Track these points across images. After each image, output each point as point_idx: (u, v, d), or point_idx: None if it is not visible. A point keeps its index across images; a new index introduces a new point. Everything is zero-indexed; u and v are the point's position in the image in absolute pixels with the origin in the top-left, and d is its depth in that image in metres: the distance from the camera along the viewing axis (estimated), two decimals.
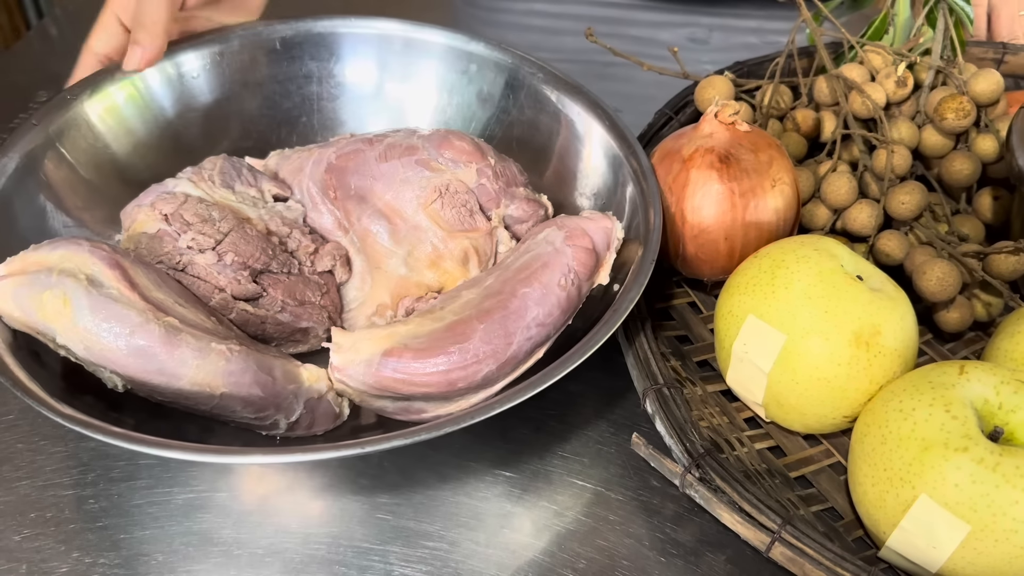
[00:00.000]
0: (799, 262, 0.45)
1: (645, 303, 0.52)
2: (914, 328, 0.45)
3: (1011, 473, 0.36)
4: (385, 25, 0.56)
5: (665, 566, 0.43)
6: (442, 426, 0.38)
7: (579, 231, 0.47)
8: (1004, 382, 0.39)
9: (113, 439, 0.38)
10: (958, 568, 0.38)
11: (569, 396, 0.50)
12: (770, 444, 0.47)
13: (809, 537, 0.39)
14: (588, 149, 0.54)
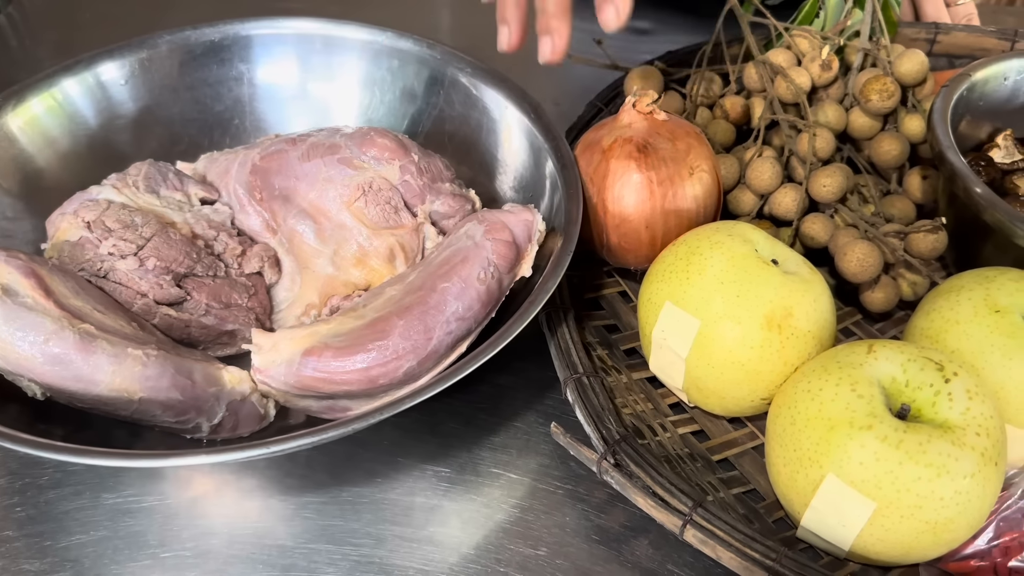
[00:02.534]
0: (712, 248, 0.45)
1: (572, 294, 0.52)
2: (829, 309, 0.45)
3: (914, 450, 0.37)
4: (303, 24, 0.56)
5: (589, 552, 0.44)
6: (342, 425, 0.38)
7: (499, 224, 0.47)
8: (911, 360, 0.40)
9: (29, 448, 0.38)
10: (868, 545, 0.39)
11: (499, 389, 0.51)
12: (694, 428, 0.48)
13: (720, 519, 0.39)
14: (514, 142, 0.54)
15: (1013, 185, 0.55)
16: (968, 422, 0.38)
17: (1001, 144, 0.58)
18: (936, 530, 0.37)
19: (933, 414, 0.39)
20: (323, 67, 0.56)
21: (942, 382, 0.39)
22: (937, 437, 0.37)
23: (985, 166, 0.56)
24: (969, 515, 0.37)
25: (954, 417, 0.38)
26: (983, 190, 0.48)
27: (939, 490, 0.37)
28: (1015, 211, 0.47)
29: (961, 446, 0.37)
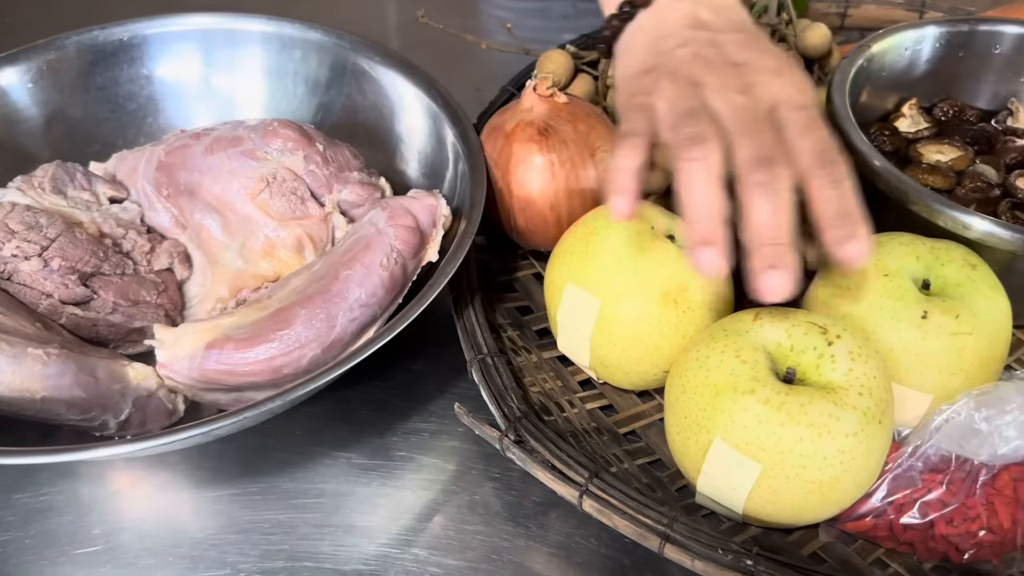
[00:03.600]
0: (609, 228, 0.46)
1: (485, 277, 0.53)
2: (725, 281, 0.46)
3: (795, 411, 0.38)
4: (203, 20, 0.56)
5: (501, 529, 0.44)
6: (233, 415, 0.39)
7: (402, 211, 0.48)
8: (796, 325, 0.41)
9: None
10: (759, 506, 0.40)
11: (414, 374, 0.51)
12: (603, 403, 0.48)
13: (616, 489, 0.40)
14: (424, 129, 0.55)
15: (917, 153, 0.56)
16: (851, 382, 0.39)
17: (907, 113, 0.59)
18: (823, 489, 0.38)
19: (817, 376, 0.40)
20: (226, 61, 0.57)
21: (825, 345, 0.40)
22: (819, 398, 0.38)
23: (890, 135, 0.57)
24: (855, 473, 0.39)
25: (837, 378, 0.39)
26: (879, 161, 0.49)
27: (821, 449, 0.38)
28: (906, 178, 0.48)
29: (843, 406, 0.38)
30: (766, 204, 0.37)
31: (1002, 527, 0.41)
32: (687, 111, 0.40)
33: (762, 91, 0.41)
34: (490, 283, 0.53)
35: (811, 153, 0.39)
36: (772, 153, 0.39)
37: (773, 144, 0.39)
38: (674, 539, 0.38)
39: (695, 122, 0.39)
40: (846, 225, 0.38)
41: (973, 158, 0.56)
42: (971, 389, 0.41)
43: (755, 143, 0.39)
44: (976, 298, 0.43)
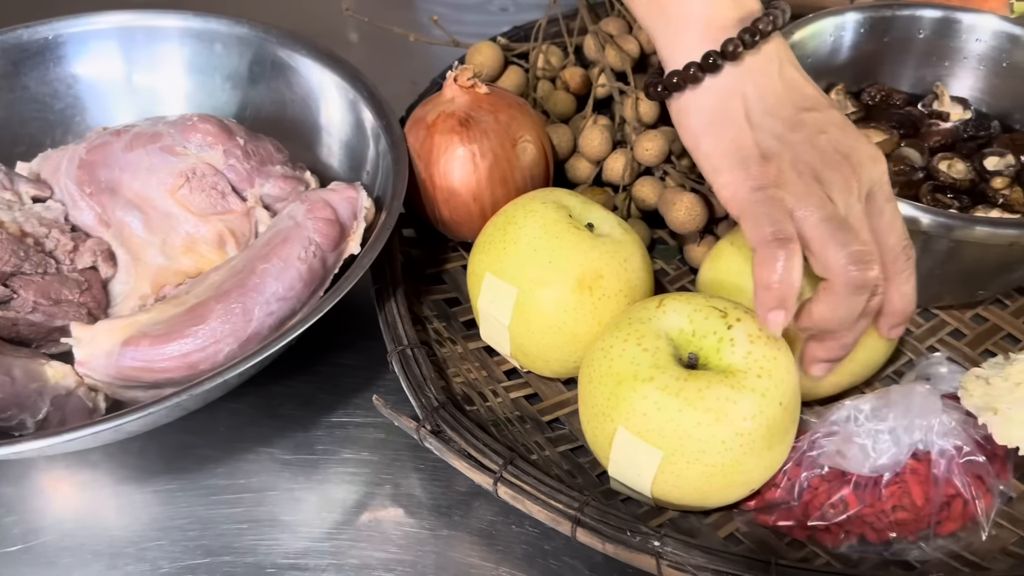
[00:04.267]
0: (527, 216, 0.46)
1: (413, 269, 0.53)
2: (641, 268, 0.46)
3: (693, 397, 0.38)
4: (122, 18, 0.56)
5: (424, 520, 0.44)
6: (138, 411, 0.39)
7: (321, 203, 0.48)
8: (697, 310, 0.41)
9: None
10: (665, 491, 0.40)
11: (341, 368, 0.51)
12: (528, 392, 0.49)
13: (529, 475, 0.40)
14: (350, 122, 0.55)
15: None
16: (749, 365, 0.39)
17: (834, 99, 0.60)
18: (725, 472, 0.39)
19: (718, 360, 0.40)
20: (147, 58, 0.56)
21: (725, 329, 0.40)
22: (717, 382, 0.38)
23: None
24: (757, 456, 0.39)
25: (736, 362, 0.39)
26: None
27: (719, 433, 0.38)
28: None
29: (740, 389, 0.38)
30: (844, 303, 0.39)
31: (915, 505, 0.42)
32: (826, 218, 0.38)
33: (866, 181, 0.40)
34: (418, 275, 0.54)
35: (895, 251, 0.41)
36: (871, 255, 0.39)
37: (871, 242, 0.39)
38: (585, 523, 0.39)
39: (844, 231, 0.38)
40: (904, 322, 0.42)
41: (898, 142, 0.57)
42: (859, 396, 0.42)
43: (858, 240, 0.39)
44: None
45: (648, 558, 0.37)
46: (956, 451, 0.41)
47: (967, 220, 0.46)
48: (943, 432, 0.41)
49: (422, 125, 0.51)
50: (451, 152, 0.50)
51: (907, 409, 0.40)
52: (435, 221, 0.53)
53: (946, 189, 0.53)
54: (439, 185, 0.50)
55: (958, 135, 0.57)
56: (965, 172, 0.54)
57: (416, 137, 0.51)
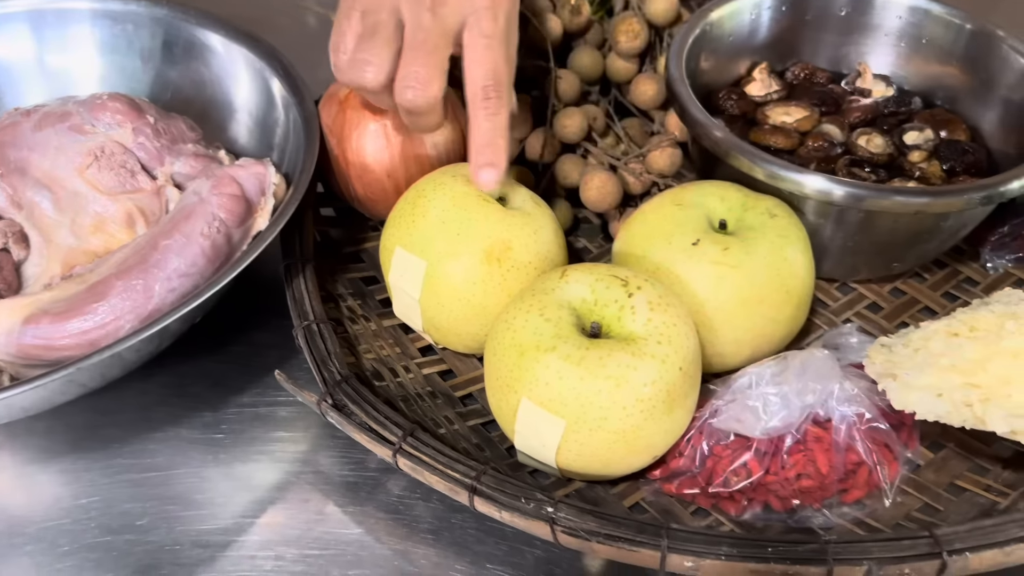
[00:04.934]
0: (436, 189, 0.46)
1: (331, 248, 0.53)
2: (553, 241, 0.46)
3: (594, 365, 0.38)
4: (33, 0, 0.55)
5: (332, 498, 0.44)
6: (17, 386, 0.38)
7: (227, 179, 0.47)
8: (599, 279, 0.41)
9: None
10: (570, 460, 0.40)
11: (254, 348, 0.51)
12: (442, 368, 0.48)
13: (428, 447, 0.40)
14: (266, 100, 0.54)
15: (763, 116, 0.57)
16: (650, 332, 0.39)
17: (757, 77, 0.60)
18: (627, 439, 0.39)
19: (620, 329, 0.40)
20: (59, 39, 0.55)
21: (626, 297, 0.40)
22: (618, 350, 0.38)
23: (737, 99, 0.58)
24: (658, 421, 0.39)
25: (637, 329, 0.39)
26: (701, 116, 0.50)
27: (620, 400, 0.38)
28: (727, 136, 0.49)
29: (640, 356, 0.38)
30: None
31: (820, 473, 0.42)
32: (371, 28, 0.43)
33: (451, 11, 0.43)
34: (335, 254, 0.53)
35: (476, 86, 0.44)
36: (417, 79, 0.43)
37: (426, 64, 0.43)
38: (481, 491, 0.38)
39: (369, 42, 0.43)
40: (488, 153, 0.44)
41: (819, 119, 0.57)
42: (763, 360, 0.42)
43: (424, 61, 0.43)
44: (758, 241, 0.44)
45: (543, 524, 0.37)
46: (858, 418, 0.41)
47: (875, 190, 0.46)
48: (845, 399, 0.41)
49: (335, 101, 0.51)
50: (363, 127, 0.49)
51: (802, 373, 0.40)
52: (351, 199, 0.52)
53: (864, 163, 0.53)
54: (352, 161, 0.50)
55: (878, 111, 0.58)
56: (884, 146, 0.54)
57: (329, 113, 0.51)
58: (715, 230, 0.46)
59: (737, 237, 0.45)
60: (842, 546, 0.36)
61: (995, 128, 0.55)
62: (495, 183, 0.44)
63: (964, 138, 0.56)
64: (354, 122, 0.49)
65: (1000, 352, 0.38)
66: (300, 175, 0.47)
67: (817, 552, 0.36)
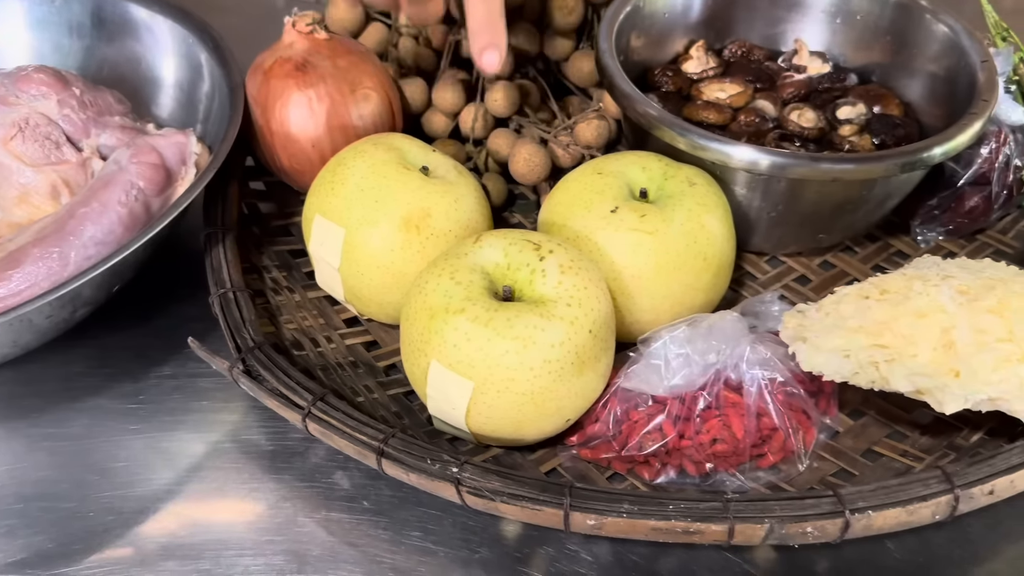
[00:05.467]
0: (356, 157, 0.46)
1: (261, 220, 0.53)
2: (477, 210, 0.46)
3: (502, 326, 0.38)
4: None
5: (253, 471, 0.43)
6: None
7: (146, 148, 0.47)
8: (512, 243, 0.41)
9: None
10: (480, 423, 0.40)
11: (179, 320, 0.50)
12: (367, 339, 0.48)
13: (338, 411, 0.40)
14: (195, 73, 0.54)
15: (697, 92, 0.57)
16: (560, 295, 0.39)
17: (694, 55, 0.60)
18: (536, 401, 0.39)
19: (531, 292, 0.40)
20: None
21: (537, 261, 0.40)
22: (526, 312, 0.38)
23: (672, 75, 0.58)
24: (567, 383, 0.39)
25: (548, 292, 0.39)
26: (627, 88, 0.50)
27: (528, 361, 0.38)
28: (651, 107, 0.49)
29: (549, 317, 0.38)
30: None
31: (735, 438, 0.42)
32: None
33: None
34: (263, 227, 0.53)
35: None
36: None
37: None
38: (388, 454, 0.38)
39: None
40: (487, 33, 0.44)
41: (753, 94, 0.57)
42: (674, 324, 0.42)
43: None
44: (676, 209, 0.44)
45: (448, 485, 0.37)
46: (771, 383, 0.42)
47: (793, 157, 0.46)
48: (757, 362, 0.41)
49: (260, 71, 0.50)
50: (287, 97, 0.49)
51: (709, 334, 0.40)
52: (277, 170, 0.52)
53: (794, 137, 0.54)
54: (276, 132, 0.50)
55: (813, 87, 0.58)
56: (815, 121, 0.55)
57: (254, 83, 0.50)
58: (635, 198, 0.46)
59: (656, 205, 0.45)
60: (744, 504, 0.36)
61: (925, 101, 0.56)
62: (498, 64, 0.44)
63: (897, 113, 0.56)
64: (278, 92, 0.49)
65: (906, 312, 0.38)
66: (221, 144, 0.47)
67: (718, 510, 0.36)
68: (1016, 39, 0.57)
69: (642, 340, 0.42)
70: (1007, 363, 0.36)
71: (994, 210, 0.54)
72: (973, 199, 0.54)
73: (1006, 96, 0.54)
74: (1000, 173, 0.53)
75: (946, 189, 0.54)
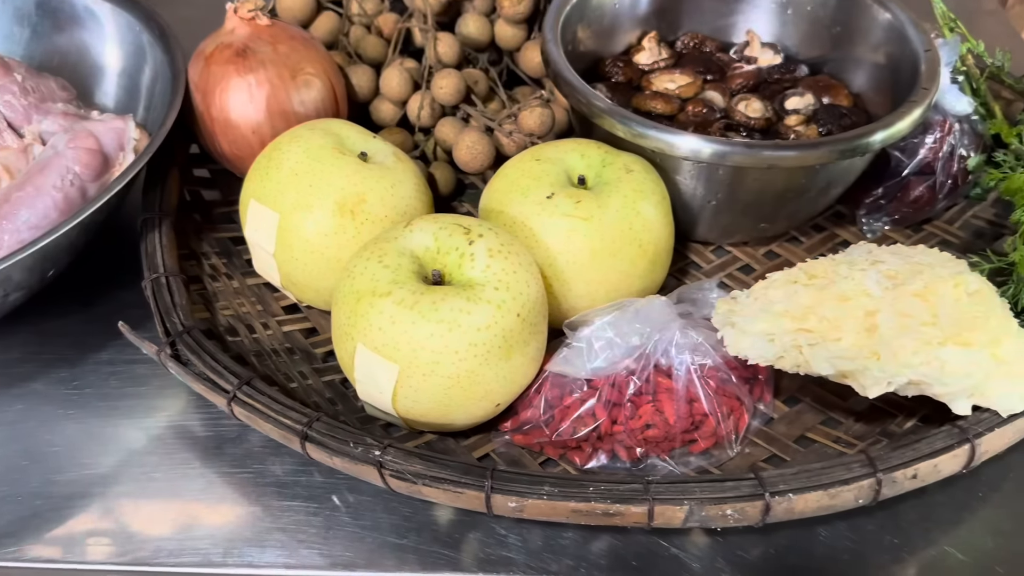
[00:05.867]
0: (291, 142, 0.45)
1: (203, 207, 0.52)
2: (416, 196, 0.46)
3: (427, 309, 0.38)
4: None
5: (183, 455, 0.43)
6: None
7: (84, 133, 0.47)
8: (442, 228, 0.41)
9: None
10: (407, 407, 0.40)
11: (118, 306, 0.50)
12: (306, 327, 0.48)
13: (264, 395, 0.40)
14: (138, 59, 0.54)
15: (647, 82, 0.57)
16: (488, 278, 0.39)
17: (646, 46, 0.60)
18: (462, 384, 0.39)
19: (460, 275, 0.40)
20: None
21: (467, 245, 0.40)
22: (453, 295, 0.38)
23: (623, 66, 0.58)
24: (494, 367, 0.39)
25: (476, 276, 0.39)
26: (570, 76, 0.50)
27: (453, 344, 0.38)
28: (592, 95, 0.49)
29: (476, 301, 0.38)
30: None
31: (667, 423, 0.42)
32: None
33: None
34: (206, 214, 0.53)
35: None
36: None
37: None
38: (312, 438, 0.38)
39: None
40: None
41: (702, 85, 0.57)
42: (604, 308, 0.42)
43: None
44: (612, 195, 0.44)
45: (371, 469, 0.37)
46: (700, 368, 0.42)
47: (728, 144, 0.46)
48: (688, 347, 0.41)
49: (201, 58, 0.50)
50: (226, 83, 0.49)
51: (634, 317, 0.40)
52: (219, 157, 0.52)
53: (739, 127, 0.54)
54: (216, 118, 0.50)
55: (762, 77, 0.58)
56: (762, 111, 0.55)
57: (196, 70, 0.50)
58: (573, 185, 0.46)
59: (592, 191, 0.45)
60: (664, 486, 0.36)
61: (872, 91, 0.56)
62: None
63: (846, 104, 0.56)
64: (218, 78, 0.49)
65: (831, 296, 0.38)
66: (158, 130, 0.47)
67: (638, 492, 0.36)
68: (963, 30, 0.57)
69: (567, 324, 0.42)
70: (928, 346, 0.36)
71: (939, 200, 0.54)
72: (918, 189, 0.54)
73: (952, 87, 0.54)
74: (945, 163, 0.53)
75: (892, 179, 0.54)
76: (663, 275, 0.47)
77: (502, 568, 0.39)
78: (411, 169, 0.47)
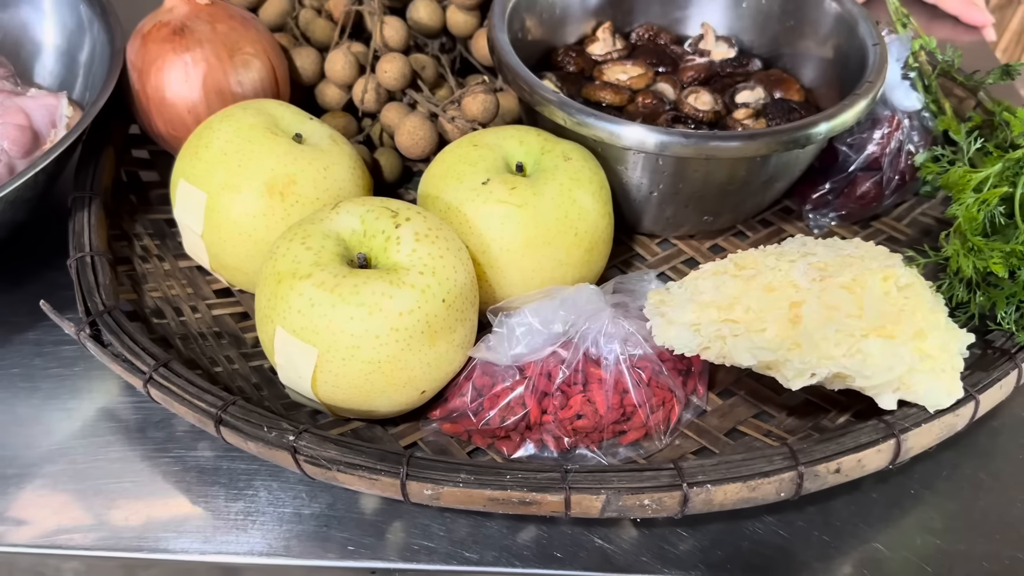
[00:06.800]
0: (222, 121, 0.45)
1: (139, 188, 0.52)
2: (350, 179, 0.45)
3: (348, 292, 0.37)
4: None
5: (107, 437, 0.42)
6: None
7: (14, 109, 0.46)
8: (369, 210, 0.40)
9: None
10: (328, 392, 0.39)
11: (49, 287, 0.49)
12: (238, 310, 0.47)
13: (182, 377, 0.39)
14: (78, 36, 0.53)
15: (599, 72, 0.57)
16: (413, 263, 0.38)
17: (600, 36, 0.59)
18: (383, 370, 0.38)
19: (386, 259, 0.39)
20: None
21: (393, 228, 0.39)
22: (376, 279, 0.37)
23: (575, 56, 0.58)
24: (417, 352, 0.38)
25: (402, 259, 0.39)
26: (514, 63, 0.49)
27: (374, 328, 0.37)
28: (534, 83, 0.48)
29: (399, 285, 0.37)
30: None
31: (597, 413, 0.41)
32: None
33: None
34: (142, 195, 0.52)
35: None
36: None
37: None
38: (227, 422, 0.37)
39: None
40: None
41: (654, 77, 0.57)
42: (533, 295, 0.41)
43: None
44: (548, 183, 0.43)
45: (285, 454, 0.36)
46: (630, 358, 0.41)
47: (667, 134, 0.45)
48: (618, 337, 0.41)
49: (139, 36, 0.49)
50: (162, 61, 0.48)
51: (560, 305, 0.39)
52: (156, 136, 0.51)
53: (687, 119, 0.53)
54: (152, 96, 0.49)
55: (713, 70, 0.58)
56: (711, 104, 0.54)
57: (133, 48, 0.49)
58: (511, 172, 0.45)
59: (528, 179, 0.44)
60: (581, 476, 0.36)
61: (823, 85, 0.55)
62: None
63: (797, 98, 0.56)
64: (154, 56, 0.48)
65: (757, 287, 0.37)
66: (90, 107, 0.46)
67: (555, 480, 0.35)
68: (916, 26, 0.56)
69: (491, 310, 0.41)
70: (851, 338, 0.35)
71: (886, 196, 0.54)
72: (865, 184, 0.53)
73: (903, 82, 0.54)
74: (892, 158, 0.53)
75: (839, 174, 0.54)
76: (601, 265, 0.47)
77: (423, 557, 0.38)
78: (347, 152, 0.46)
